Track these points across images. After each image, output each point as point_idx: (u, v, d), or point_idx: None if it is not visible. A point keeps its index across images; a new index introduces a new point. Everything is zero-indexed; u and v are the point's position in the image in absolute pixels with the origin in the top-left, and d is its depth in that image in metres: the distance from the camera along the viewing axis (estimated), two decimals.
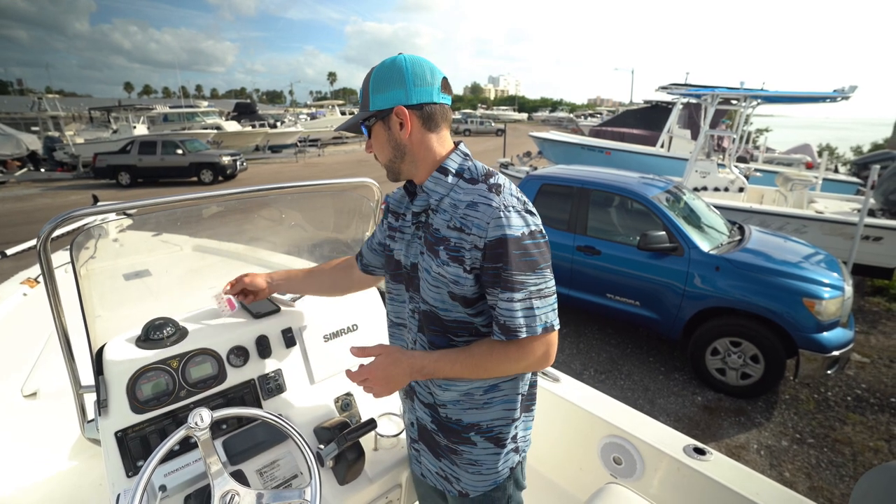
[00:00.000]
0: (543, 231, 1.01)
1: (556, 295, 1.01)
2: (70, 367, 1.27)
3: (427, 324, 1.10)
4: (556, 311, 1.01)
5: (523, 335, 0.96)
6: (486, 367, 1.02)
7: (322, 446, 1.27)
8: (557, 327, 1.01)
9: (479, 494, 1.15)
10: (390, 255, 1.18)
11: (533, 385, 1.19)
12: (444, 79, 1.04)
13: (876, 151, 14.07)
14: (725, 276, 3.59)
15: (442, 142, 1.06)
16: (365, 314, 1.77)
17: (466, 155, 1.07)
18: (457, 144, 1.08)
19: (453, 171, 1.04)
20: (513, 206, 0.97)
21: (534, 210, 1.02)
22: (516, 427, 1.14)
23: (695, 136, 9.26)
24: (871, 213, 5.54)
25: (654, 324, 4.00)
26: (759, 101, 7.09)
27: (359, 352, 1.11)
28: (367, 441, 1.38)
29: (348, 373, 1.10)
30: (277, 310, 1.59)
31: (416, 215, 1.09)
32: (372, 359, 1.09)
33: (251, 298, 1.53)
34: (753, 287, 3.48)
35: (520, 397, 1.13)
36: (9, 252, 2.46)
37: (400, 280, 1.16)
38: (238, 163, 15.28)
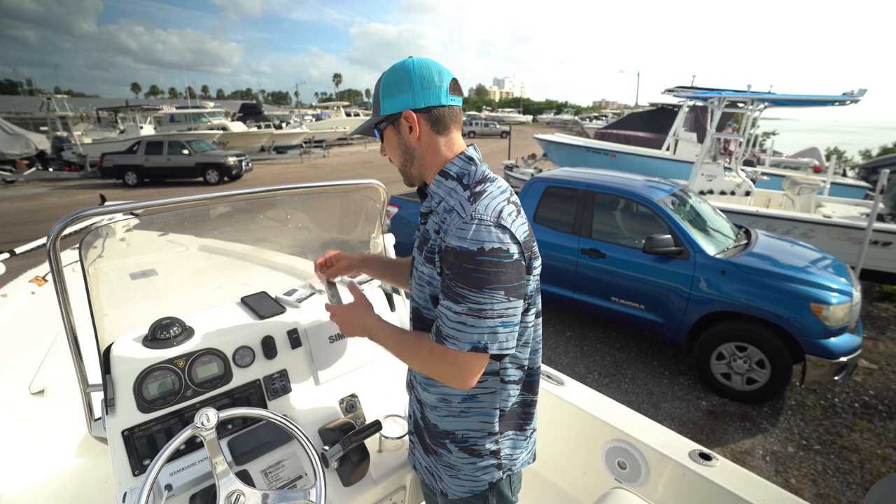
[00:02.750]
0: (511, 251, 0.93)
1: (503, 320, 0.94)
2: (77, 365, 1.28)
3: (414, 320, 1.15)
4: (500, 337, 0.94)
5: (448, 345, 0.95)
6: (403, 355, 1.08)
7: (327, 447, 1.27)
8: (493, 352, 0.94)
9: (457, 498, 1.14)
10: None
11: (526, 405, 1.15)
12: (454, 80, 1.04)
13: (885, 155, 13.98)
14: (731, 281, 3.57)
15: (450, 144, 1.05)
16: None
17: (470, 159, 1.05)
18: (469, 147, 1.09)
19: (454, 175, 1.04)
20: (481, 219, 0.92)
21: (508, 225, 0.94)
22: (497, 442, 1.11)
23: (701, 140, 9.23)
24: (880, 218, 5.50)
25: (659, 328, 3.98)
26: (767, 104, 7.06)
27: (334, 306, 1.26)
28: (371, 443, 1.38)
29: (327, 306, 1.30)
30: (283, 310, 1.59)
31: (423, 215, 1.11)
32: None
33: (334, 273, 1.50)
34: (760, 292, 3.46)
35: (497, 412, 1.09)
36: (18, 250, 2.48)
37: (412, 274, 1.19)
38: (243, 163, 15.35)
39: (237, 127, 22.84)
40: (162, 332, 1.39)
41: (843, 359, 3.27)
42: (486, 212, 0.94)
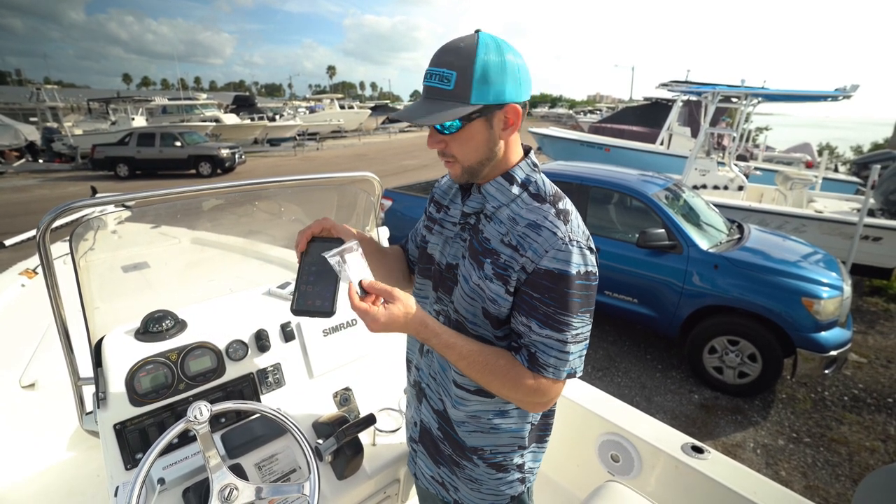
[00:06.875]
0: (597, 273, 0.93)
1: (587, 342, 0.94)
2: (69, 358, 1.27)
3: None
4: (583, 359, 0.95)
5: (548, 375, 0.91)
6: (489, 382, 0.92)
7: (321, 441, 1.27)
8: (579, 374, 0.94)
9: None
10: (423, 248, 1.11)
11: (548, 416, 1.12)
12: None
13: (876, 151, 14.09)
14: (724, 275, 3.59)
15: (517, 144, 0.97)
16: None
17: (535, 166, 0.98)
18: (527, 151, 0.99)
19: (519, 181, 0.95)
20: (577, 241, 0.89)
21: (594, 247, 0.94)
22: (523, 456, 1.09)
23: (695, 134, 9.25)
24: (871, 213, 5.55)
25: (652, 321, 4.00)
26: (760, 99, 7.08)
27: (372, 287, 0.86)
28: (365, 436, 1.38)
29: (351, 295, 0.84)
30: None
31: (464, 215, 1.01)
32: None
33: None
34: (752, 286, 3.49)
35: (529, 426, 1.07)
36: (7, 243, 2.45)
37: (428, 276, 1.08)
38: (237, 156, 15.22)
39: (230, 119, 22.65)
40: (154, 326, 1.38)
41: (834, 352, 3.30)
42: (579, 233, 0.90)
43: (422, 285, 1.11)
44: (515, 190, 0.94)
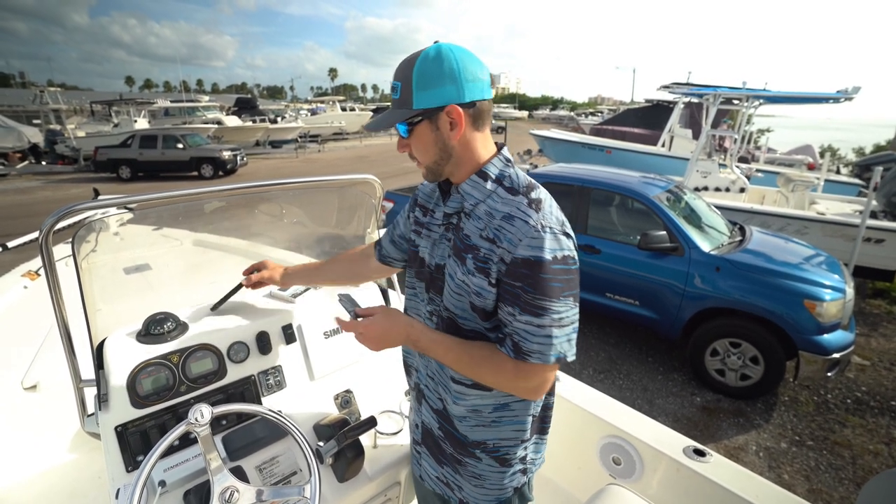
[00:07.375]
0: (576, 257, 0.94)
1: (576, 325, 0.95)
2: (70, 360, 1.27)
3: (445, 329, 1.06)
4: (573, 344, 0.95)
5: (534, 361, 0.92)
6: (476, 371, 0.98)
7: (321, 443, 1.27)
8: (571, 359, 0.95)
9: None
10: (415, 252, 1.14)
11: (548, 408, 1.14)
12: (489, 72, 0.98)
13: (878, 153, 14.05)
14: (726, 277, 3.59)
15: (485, 142, 1.00)
16: None
17: (508, 161, 1.01)
18: (500, 147, 1.03)
19: (493, 177, 0.98)
20: (549, 227, 0.91)
21: (571, 233, 0.96)
22: (525, 448, 1.11)
23: (696, 136, 9.26)
24: (873, 215, 5.53)
25: (654, 324, 4.00)
26: (762, 101, 7.08)
27: (360, 311, 1.06)
28: (366, 439, 1.38)
29: (340, 322, 1.06)
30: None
31: (447, 216, 1.05)
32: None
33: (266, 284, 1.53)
34: (754, 288, 3.48)
35: (531, 419, 1.08)
36: (10, 245, 2.45)
37: (422, 278, 1.12)
38: (238, 158, 15.26)
39: (232, 121, 22.71)
40: (156, 327, 1.38)
41: (836, 355, 3.29)
42: (552, 220, 0.93)
43: (417, 288, 1.15)
44: (490, 186, 0.98)
